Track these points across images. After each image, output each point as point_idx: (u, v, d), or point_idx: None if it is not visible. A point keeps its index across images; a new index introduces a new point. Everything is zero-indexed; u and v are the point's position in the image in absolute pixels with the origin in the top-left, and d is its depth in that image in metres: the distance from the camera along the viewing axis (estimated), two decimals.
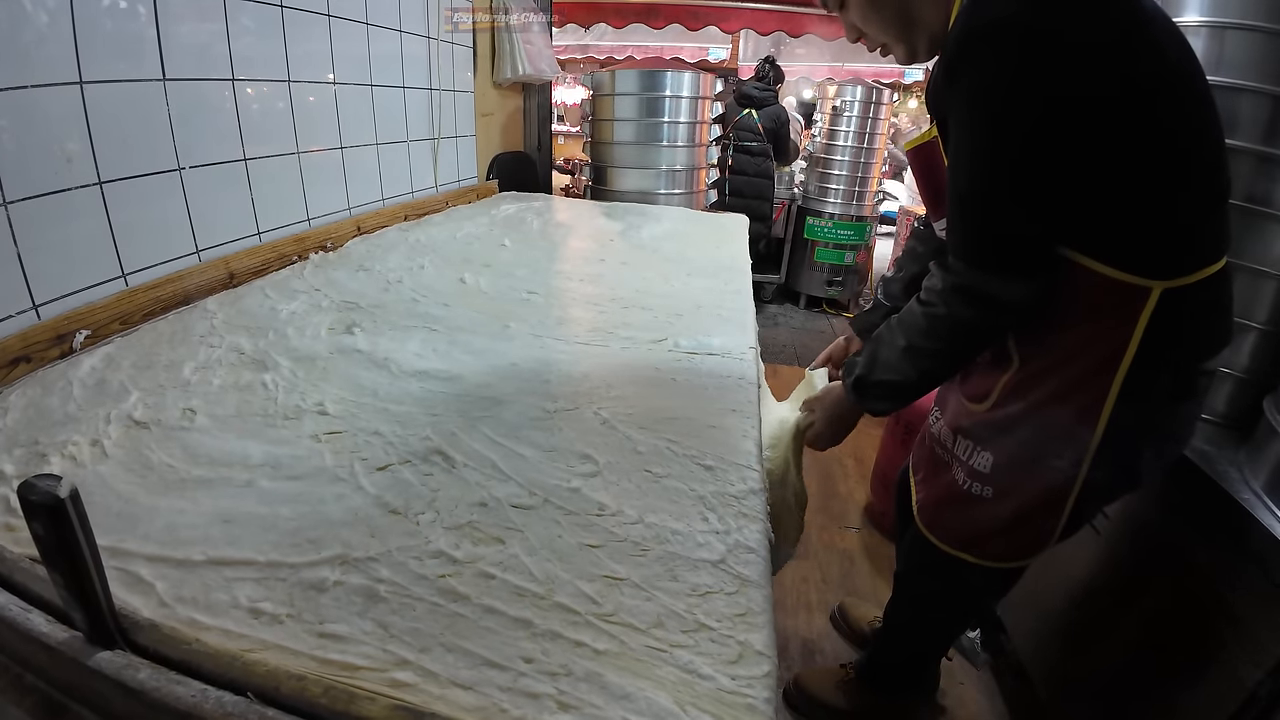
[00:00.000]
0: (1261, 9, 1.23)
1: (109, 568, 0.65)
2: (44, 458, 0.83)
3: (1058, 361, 1.04)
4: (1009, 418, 1.10)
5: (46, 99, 1.12)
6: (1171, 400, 1.03)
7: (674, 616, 0.62)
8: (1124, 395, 0.99)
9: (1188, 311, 0.96)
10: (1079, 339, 1.01)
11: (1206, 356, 1.02)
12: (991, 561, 1.21)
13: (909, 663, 1.62)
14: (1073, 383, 1.03)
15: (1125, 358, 0.97)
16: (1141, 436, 1.04)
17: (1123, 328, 0.96)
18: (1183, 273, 0.94)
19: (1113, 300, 0.96)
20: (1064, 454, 1.06)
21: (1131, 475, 1.09)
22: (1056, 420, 1.05)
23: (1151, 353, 0.96)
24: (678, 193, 3.19)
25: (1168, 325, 0.95)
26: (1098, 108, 0.87)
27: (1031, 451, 1.09)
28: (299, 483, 0.80)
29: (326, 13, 1.79)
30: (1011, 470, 1.12)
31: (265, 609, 0.61)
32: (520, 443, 0.89)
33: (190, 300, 1.39)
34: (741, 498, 0.80)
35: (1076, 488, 1.07)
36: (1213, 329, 1.02)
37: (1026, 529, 1.14)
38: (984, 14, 0.89)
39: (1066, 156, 0.90)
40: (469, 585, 0.64)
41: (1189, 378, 1.02)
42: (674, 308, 1.47)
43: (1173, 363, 0.99)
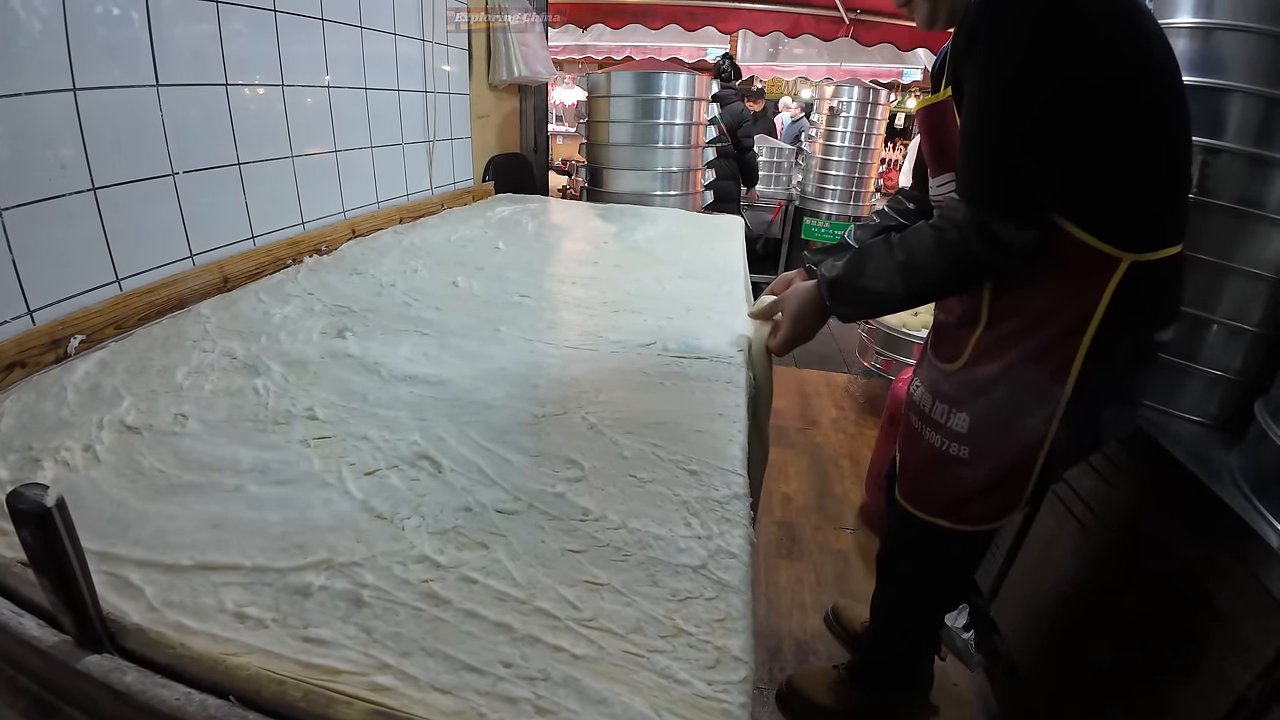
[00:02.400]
0: (1254, 10, 1.23)
1: (100, 572, 0.66)
2: (37, 463, 0.83)
3: (1031, 321, 1.11)
4: (985, 377, 1.17)
5: (40, 106, 1.13)
6: (1132, 365, 1.12)
7: (653, 622, 0.62)
8: (1090, 357, 1.07)
9: (1150, 284, 1.05)
10: (1052, 300, 1.09)
11: (1161, 327, 1.12)
12: (967, 525, 1.27)
13: (899, 659, 1.64)
14: (1046, 343, 1.10)
15: (1093, 321, 1.05)
16: (1105, 398, 1.13)
17: (1092, 292, 1.04)
18: (1150, 248, 1.03)
19: (1086, 266, 1.04)
20: (1037, 412, 1.13)
21: (1093, 436, 1.19)
22: (1030, 379, 1.12)
23: (1116, 319, 1.05)
24: (674, 194, 3.19)
25: (1132, 295, 1.03)
26: (1106, 84, 0.95)
27: (1007, 410, 1.16)
28: (287, 488, 0.80)
29: (320, 16, 1.80)
30: (988, 429, 1.19)
31: (251, 613, 0.62)
32: (507, 447, 0.90)
33: (184, 304, 1.40)
34: (725, 502, 0.80)
35: (1046, 445, 1.14)
36: (1168, 303, 1.12)
37: (1000, 489, 1.21)
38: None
39: (1070, 124, 0.97)
40: (451, 590, 0.65)
41: (1145, 345, 1.12)
42: (665, 310, 1.48)
43: (1133, 330, 1.08)
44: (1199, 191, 1.29)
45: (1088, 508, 1.51)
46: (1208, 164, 1.28)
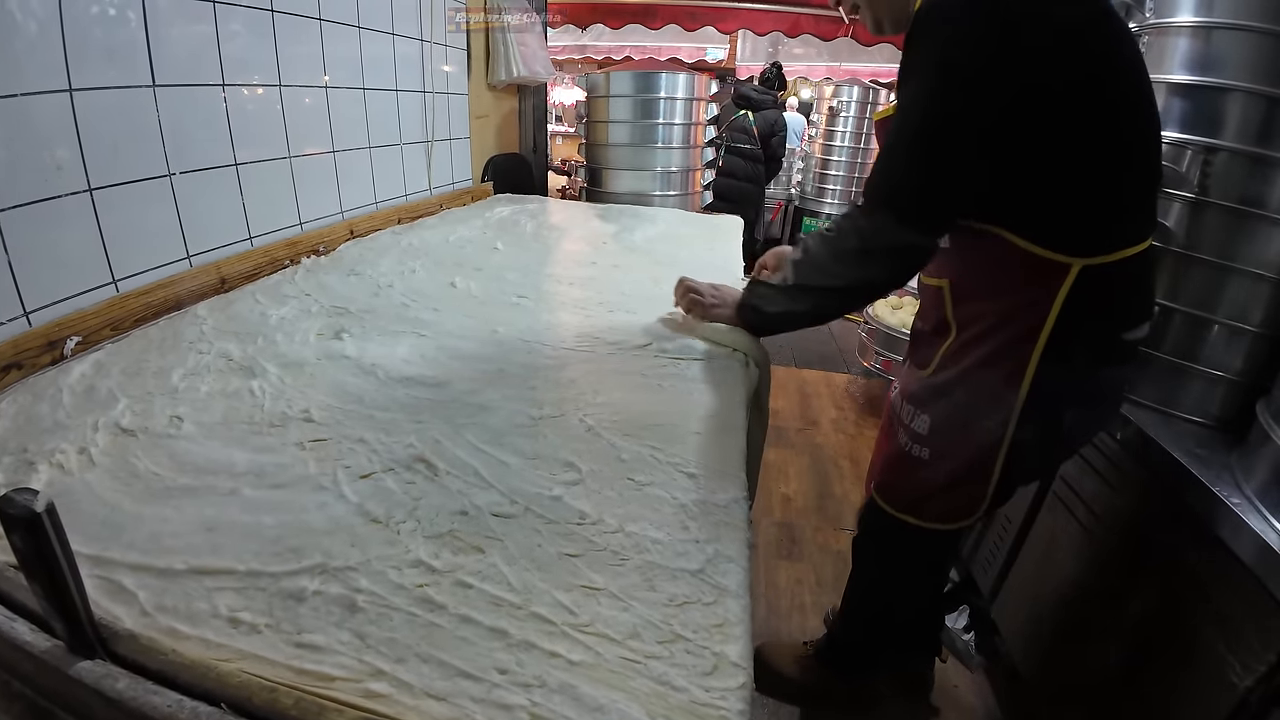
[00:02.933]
0: (1255, 9, 1.22)
1: (93, 576, 0.66)
2: (32, 466, 0.83)
3: (988, 330, 1.14)
4: (946, 382, 1.21)
5: (36, 107, 1.13)
6: (1091, 366, 1.12)
7: (650, 627, 0.61)
8: (1044, 361, 1.08)
9: (1106, 287, 1.05)
10: (1007, 309, 1.11)
11: (1127, 328, 1.12)
12: (931, 523, 1.30)
13: (863, 643, 1.64)
14: (1000, 349, 1.12)
15: (1045, 327, 1.07)
16: (1064, 400, 1.14)
17: (1045, 300, 1.06)
18: (1101, 252, 1.03)
19: (1036, 275, 1.05)
20: (992, 415, 1.15)
21: (1059, 437, 1.19)
22: (985, 384, 1.15)
23: (1069, 323, 1.06)
24: (673, 194, 3.19)
25: (1086, 299, 1.04)
26: (1040, 94, 0.95)
27: (963, 413, 1.19)
28: (282, 491, 0.80)
29: (318, 16, 1.79)
30: (946, 431, 1.22)
31: (244, 618, 0.61)
32: (504, 450, 0.89)
33: (181, 305, 1.39)
34: (723, 506, 0.79)
35: (1004, 448, 1.16)
36: (1132, 304, 1.12)
37: (961, 490, 1.24)
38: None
39: (1000, 134, 0.98)
40: (447, 595, 0.64)
41: (1109, 346, 1.12)
42: (662, 311, 1.47)
43: (1091, 333, 1.09)
44: (1199, 191, 1.28)
45: (1089, 509, 1.50)
46: (1208, 163, 1.28)
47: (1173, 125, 1.33)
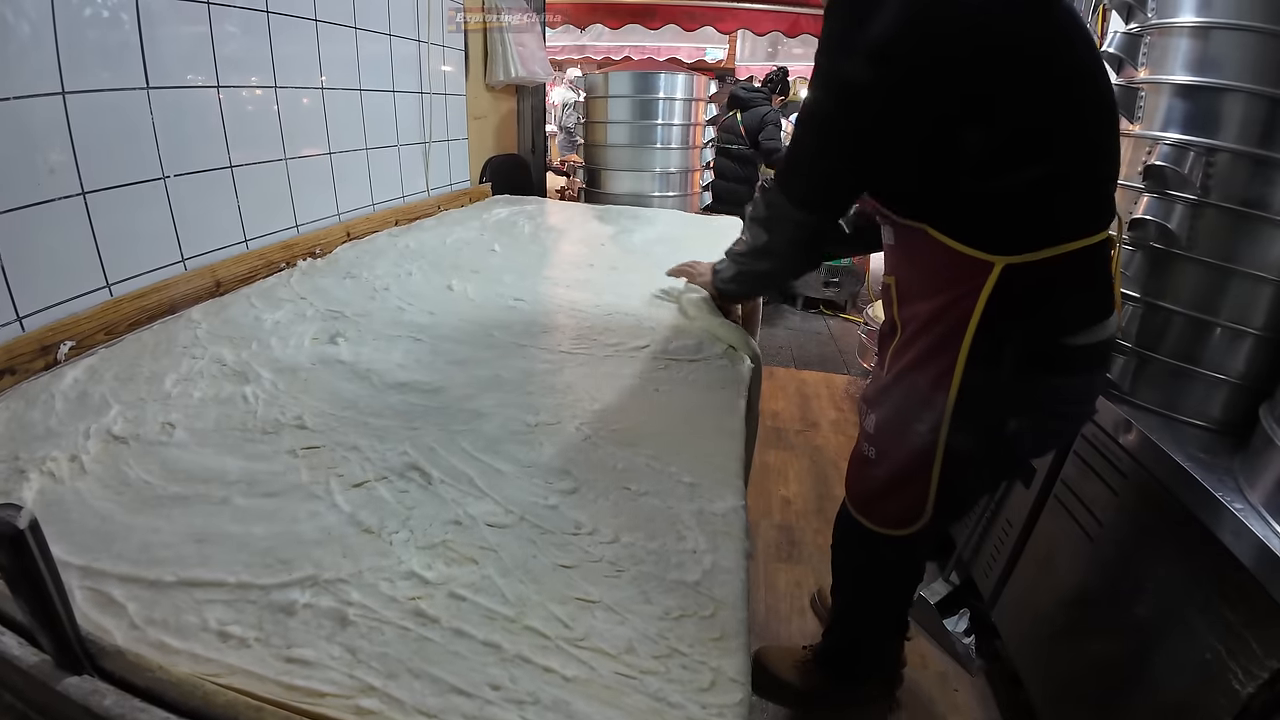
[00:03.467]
0: (1257, 9, 1.21)
1: (83, 588, 0.65)
2: (23, 474, 0.82)
3: (921, 329, 1.12)
4: (890, 381, 1.20)
5: (29, 110, 1.12)
6: (1029, 371, 1.05)
7: (646, 641, 0.61)
8: (971, 361, 1.05)
9: (1034, 286, 1.00)
10: (938, 308, 1.08)
11: (1069, 331, 1.05)
12: (880, 527, 1.29)
13: (857, 646, 1.62)
14: (930, 349, 1.10)
15: (970, 327, 1.03)
16: (1001, 406, 1.09)
17: (969, 297, 1.02)
18: (1025, 250, 0.98)
19: (962, 273, 1.02)
20: (924, 417, 1.12)
21: (1005, 448, 1.14)
22: (918, 384, 1.13)
23: (995, 322, 1.02)
24: (672, 195, 3.18)
25: (1011, 299, 1.00)
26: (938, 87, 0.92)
27: (900, 414, 1.17)
28: (274, 500, 0.79)
29: (314, 17, 1.78)
30: (887, 430, 1.22)
31: (234, 632, 0.61)
32: (499, 458, 0.88)
33: (176, 309, 1.38)
34: (721, 515, 0.78)
35: (939, 453, 1.12)
36: (1070, 305, 1.05)
37: (903, 494, 1.21)
38: None
39: (903, 127, 0.97)
40: (439, 608, 0.63)
41: (1048, 351, 1.05)
42: (658, 313, 1.46)
43: (1022, 335, 1.03)
44: (1200, 193, 1.27)
45: (1090, 513, 1.49)
46: (1210, 165, 1.26)
47: (1174, 126, 1.32)
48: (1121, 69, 1.48)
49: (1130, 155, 1.42)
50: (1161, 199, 1.32)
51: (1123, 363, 1.43)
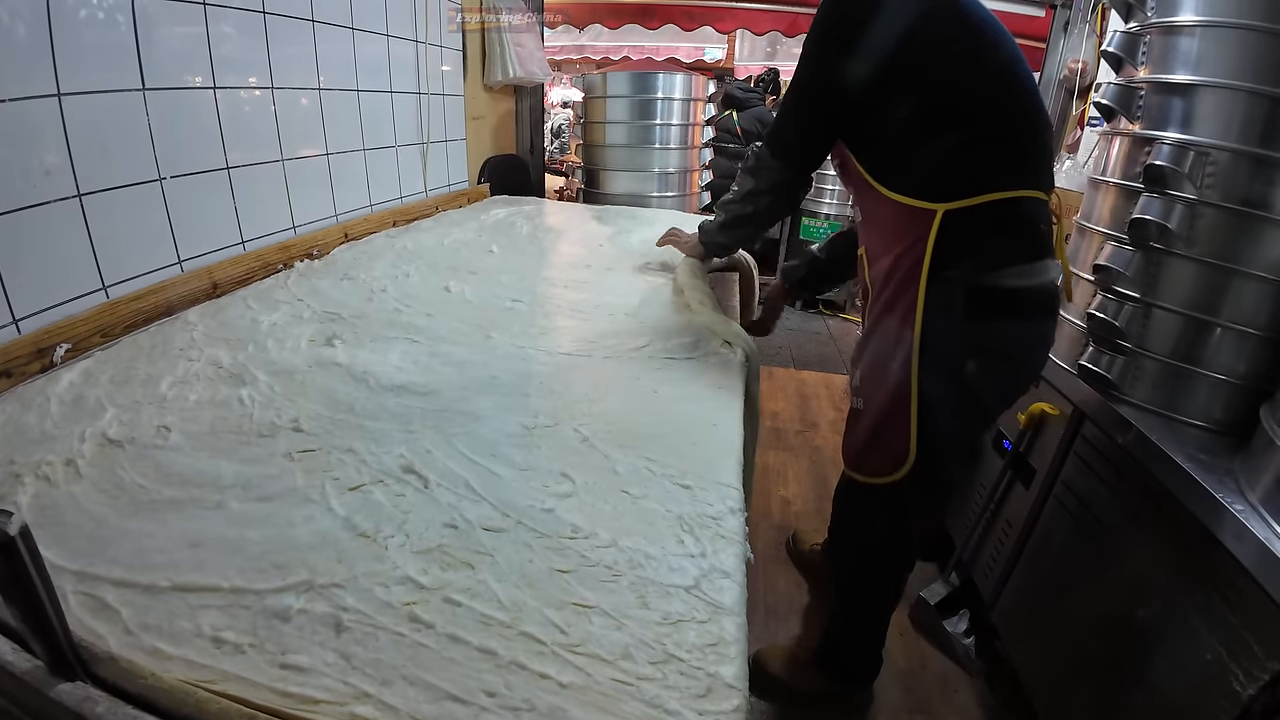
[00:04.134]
0: (1258, 9, 1.20)
1: (77, 593, 0.65)
2: (19, 478, 0.82)
3: (885, 279, 1.31)
4: (866, 333, 1.39)
5: (24, 112, 1.11)
6: (976, 311, 1.23)
7: (643, 647, 0.60)
8: (929, 301, 1.23)
9: (971, 227, 1.20)
10: (896, 257, 1.27)
11: (1000, 266, 1.22)
12: (871, 477, 1.42)
13: (856, 641, 1.67)
14: (894, 294, 1.28)
15: (924, 266, 1.22)
16: (958, 345, 1.25)
17: (920, 242, 1.22)
18: (960, 197, 1.19)
19: (911, 222, 1.23)
20: (896, 355, 1.29)
21: (967, 391, 1.28)
22: (889, 327, 1.30)
23: (943, 262, 1.21)
24: (670, 195, 3.17)
25: (953, 238, 1.20)
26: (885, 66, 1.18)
27: (878, 358, 1.34)
28: (269, 504, 0.78)
29: (310, 18, 1.78)
30: (869, 378, 1.38)
31: (228, 638, 0.60)
32: (496, 461, 0.88)
33: (172, 311, 1.38)
34: (719, 518, 0.78)
35: (914, 393, 1.28)
36: (1000, 243, 1.22)
37: (887, 438, 1.35)
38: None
39: (857, 99, 1.22)
40: (434, 613, 0.63)
41: (988, 290, 1.22)
42: (656, 312, 1.46)
43: (963, 269, 1.21)
44: (1200, 192, 1.26)
45: (1091, 514, 1.49)
46: (1210, 165, 1.26)
47: (1174, 126, 1.31)
48: (1121, 68, 1.47)
49: (1129, 155, 1.42)
50: (1161, 199, 1.31)
51: (1123, 363, 1.42)
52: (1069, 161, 2.58)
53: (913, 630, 2.00)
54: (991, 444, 1.96)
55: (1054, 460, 1.64)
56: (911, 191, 1.22)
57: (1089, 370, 1.48)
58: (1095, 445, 1.51)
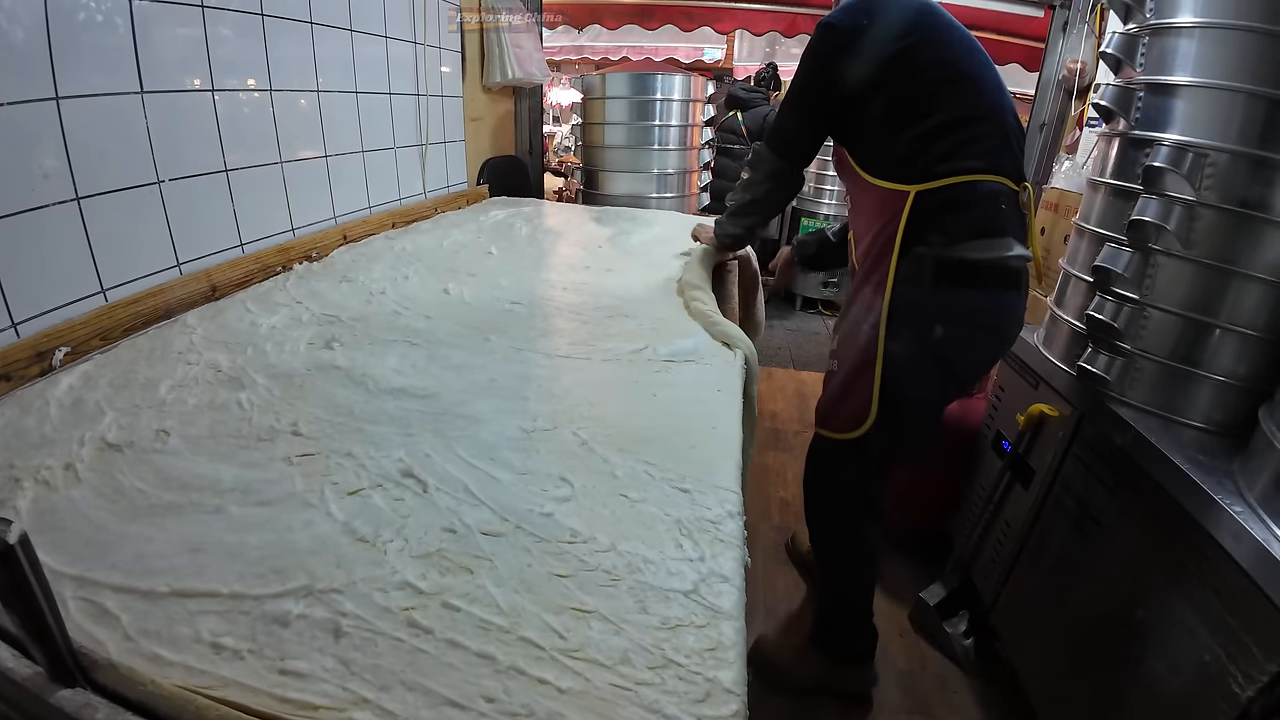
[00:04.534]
0: (1255, 10, 1.20)
1: (77, 598, 0.65)
2: (18, 483, 0.82)
3: (865, 255, 1.48)
4: (847, 304, 1.57)
5: (22, 116, 1.12)
6: (942, 282, 1.37)
7: (642, 652, 0.60)
8: (899, 274, 1.39)
9: (936, 205, 1.35)
10: (874, 234, 1.44)
11: (963, 239, 1.35)
12: (836, 433, 1.56)
13: (841, 609, 1.73)
14: (871, 266, 1.45)
15: (897, 242, 1.38)
16: (923, 312, 1.39)
17: (895, 220, 1.38)
18: (928, 180, 1.34)
19: (888, 203, 1.39)
20: (868, 319, 1.44)
21: (931, 354, 1.41)
22: (865, 297, 1.47)
23: (914, 237, 1.37)
24: (670, 196, 3.17)
25: (923, 216, 1.36)
26: (864, 74, 1.37)
27: (852, 323, 1.51)
28: (268, 509, 0.78)
29: (309, 20, 1.78)
30: (844, 341, 1.54)
31: (227, 644, 0.60)
32: (495, 465, 0.88)
33: (171, 314, 1.38)
34: (718, 522, 0.78)
35: (880, 355, 1.42)
36: (963, 219, 1.36)
37: (853, 396, 1.49)
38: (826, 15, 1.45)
39: (843, 100, 1.41)
40: (433, 619, 0.63)
41: (952, 263, 1.36)
42: (655, 314, 1.46)
43: (932, 247, 1.36)
44: (1199, 194, 1.26)
45: (1090, 516, 1.49)
46: (1208, 166, 1.26)
47: (1172, 127, 1.31)
48: (1120, 69, 1.47)
49: (1128, 156, 1.42)
50: (1159, 200, 1.31)
51: (1121, 364, 1.42)
52: (1068, 162, 2.58)
53: (912, 631, 2.01)
54: (991, 445, 1.96)
55: (1053, 461, 1.64)
56: (889, 176, 1.39)
57: (1088, 371, 1.48)
58: (1094, 446, 1.51)
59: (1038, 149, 3.25)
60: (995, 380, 2.03)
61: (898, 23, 1.36)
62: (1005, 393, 1.94)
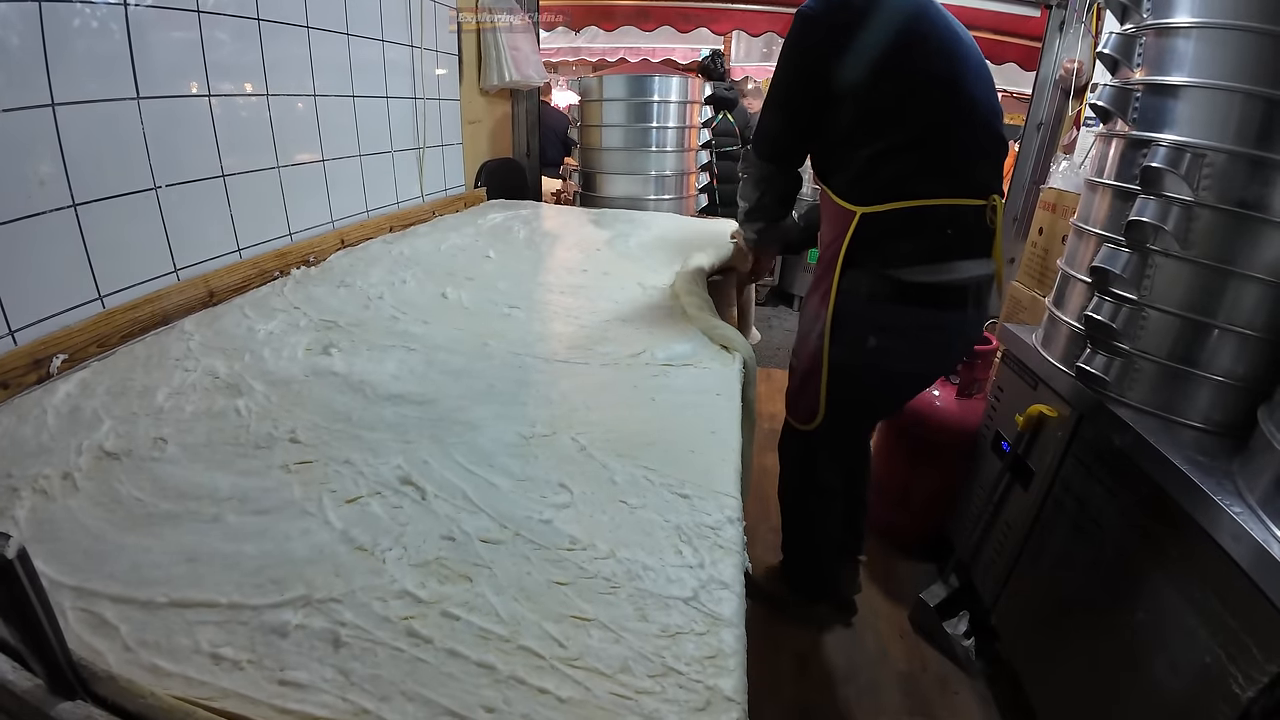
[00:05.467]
0: (1253, 10, 1.20)
1: (75, 609, 0.65)
2: (15, 492, 0.82)
3: (819, 260, 1.59)
4: (803, 306, 1.69)
5: (17, 122, 1.11)
6: (879, 297, 1.46)
7: (641, 660, 0.60)
8: (840, 286, 1.49)
9: (879, 230, 1.43)
10: (827, 245, 1.54)
11: (901, 265, 1.43)
12: (798, 422, 1.72)
13: (797, 558, 1.99)
14: (820, 277, 1.56)
15: (840, 258, 1.47)
16: (862, 322, 1.49)
17: (841, 238, 1.47)
18: (874, 203, 1.42)
19: (840, 219, 1.47)
20: (815, 327, 1.57)
21: (870, 361, 1.51)
22: (813, 304, 1.59)
23: (854, 256, 1.46)
24: (667, 198, 3.16)
25: (865, 237, 1.44)
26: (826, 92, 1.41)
27: (803, 329, 1.66)
28: (266, 517, 0.78)
29: (305, 24, 1.78)
30: (800, 342, 1.68)
31: (226, 654, 0.60)
32: (494, 471, 0.87)
33: (169, 320, 1.37)
34: (718, 528, 0.78)
35: (825, 359, 1.56)
36: (903, 245, 1.43)
37: (806, 393, 1.65)
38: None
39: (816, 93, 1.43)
40: (433, 628, 0.63)
41: (891, 281, 1.44)
42: (653, 317, 1.46)
43: (871, 265, 1.45)
44: (1196, 194, 1.26)
45: (1090, 516, 1.49)
46: (1206, 166, 1.26)
47: (1170, 128, 1.31)
48: (1117, 70, 1.47)
49: (1126, 157, 1.42)
50: (1157, 200, 1.31)
51: (1120, 365, 1.42)
52: (1065, 162, 2.58)
53: (913, 632, 2.01)
54: (991, 446, 1.96)
55: (1052, 462, 1.64)
56: (841, 194, 1.47)
57: (1086, 372, 1.48)
58: (1094, 447, 1.51)
59: (1035, 149, 3.25)
60: (994, 381, 2.03)
61: (878, 23, 1.36)
62: (1004, 393, 1.93)
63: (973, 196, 1.42)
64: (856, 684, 1.83)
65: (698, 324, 1.40)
